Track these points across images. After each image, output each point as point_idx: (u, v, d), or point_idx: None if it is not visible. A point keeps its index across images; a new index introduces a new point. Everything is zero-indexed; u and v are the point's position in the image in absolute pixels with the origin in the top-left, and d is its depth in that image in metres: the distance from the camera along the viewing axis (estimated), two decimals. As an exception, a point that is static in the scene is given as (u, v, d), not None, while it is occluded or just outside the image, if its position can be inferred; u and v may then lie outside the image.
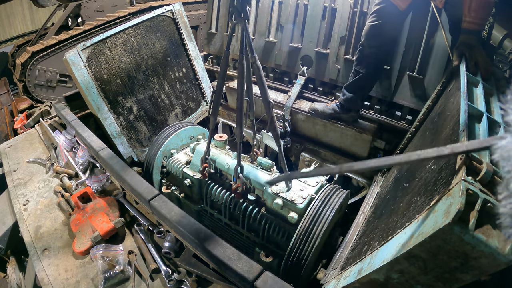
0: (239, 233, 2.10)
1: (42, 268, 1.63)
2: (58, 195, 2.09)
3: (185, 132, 2.61)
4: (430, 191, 1.07)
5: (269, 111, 1.71)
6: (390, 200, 1.66)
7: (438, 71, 2.36)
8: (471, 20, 1.68)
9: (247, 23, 1.51)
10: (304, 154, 2.93)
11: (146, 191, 1.77)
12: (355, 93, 2.45)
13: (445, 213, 0.82)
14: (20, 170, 2.34)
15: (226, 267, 1.38)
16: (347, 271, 1.39)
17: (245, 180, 1.98)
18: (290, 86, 3.14)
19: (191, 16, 5.55)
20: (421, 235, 0.87)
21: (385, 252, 1.06)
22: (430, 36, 2.37)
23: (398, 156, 0.65)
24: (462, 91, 1.32)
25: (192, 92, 3.36)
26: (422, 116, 2.09)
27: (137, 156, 2.86)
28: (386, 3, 2.08)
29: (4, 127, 4.60)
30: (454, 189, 0.85)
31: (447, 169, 1.03)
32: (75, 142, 2.50)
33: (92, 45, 2.50)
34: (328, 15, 2.83)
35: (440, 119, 1.61)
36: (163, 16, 2.98)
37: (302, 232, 1.67)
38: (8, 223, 2.02)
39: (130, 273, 1.59)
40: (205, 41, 3.79)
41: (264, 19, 3.21)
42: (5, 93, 5.03)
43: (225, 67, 1.73)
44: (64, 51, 3.78)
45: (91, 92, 2.52)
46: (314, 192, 1.84)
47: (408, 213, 1.13)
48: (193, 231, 1.52)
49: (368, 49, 2.26)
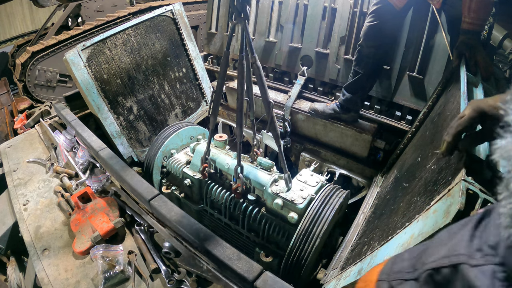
0: (239, 233, 2.10)
1: (42, 268, 1.63)
2: (58, 195, 2.09)
3: (185, 132, 2.61)
4: (430, 191, 1.07)
5: (269, 111, 1.71)
6: (390, 200, 1.66)
7: (438, 71, 2.36)
8: (471, 20, 1.68)
9: (247, 23, 1.51)
10: (304, 154, 2.94)
11: (146, 191, 1.77)
12: (355, 93, 2.45)
13: (445, 213, 0.82)
14: (20, 170, 2.34)
15: (226, 267, 1.38)
16: (347, 271, 1.40)
17: (245, 180, 1.98)
18: (290, 86, 3.14)
19: (191, 16, 5.55)
20: (421, 235, 0.87)
21: (385, 252, 1.06)
22: (430, 36, 2.37)
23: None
24: (462, 91, 1.33)
25: (192, 92, 3.36)
26: (422, 116, 2.09)
27: (137, 156, 2.86)
28: (383, 3, 2.08)
29: (4, 127, 4.60)
30: (454, 189, 0.85)
31: (447, 169, 1.03)
32: (75, 142, 2.50)
33: (92, 45, 2.50)
34: (328, 15, 2.83)
35: (440, 119, 1.61)
36: (163, 16, 2.98)
37: (302, 232, 1.67)
38: (8, 223, 2.02)
39: (130, 273, 1.59)
40: (205, 41, 3.79)
41: (264, 19, 3.21)
42: (5, 93, 5.03)
43: (225, 67, 1.73)
44: (64, 51, 3.78)
45: (91, 92, 2.52)
46: (314, 192, 1.84)
47: (408, 213, 1.13)
48: (193, 231, 1.52)
49: (367, 49, 2.26)
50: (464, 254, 0.47)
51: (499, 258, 0.43)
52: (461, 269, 0.47)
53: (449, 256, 0.49)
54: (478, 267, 0.45)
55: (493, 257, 0.44)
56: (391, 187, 1.90)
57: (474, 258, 0.46)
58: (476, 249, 0.47)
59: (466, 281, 0.45)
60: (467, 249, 0.47)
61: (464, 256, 0.47)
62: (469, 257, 0.47)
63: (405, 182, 1.56)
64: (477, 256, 0.46)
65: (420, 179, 1.30)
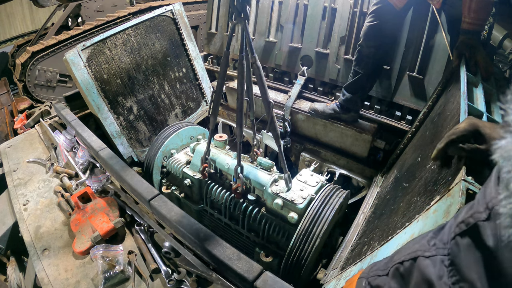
0: (239, 233, 2.10)
1: (42, 268, 1.63)
2: (58, 195, 2.09)
3: (185, 132, 2.61)
4: (430, 191, 1.07)
5: (269, 111, 1.71)
6: (390, 200, 1.66)
7: (438, 71, 2.36)
8: (471, 20, 1.68)
9: (247, 23, 1.51)
10: (304, 154, 2.94)
11: (146, 191, 1.77)
12: (355, 93, 2.45)
13: (445, 213, 0.82)
14: (20, 170, 2.34)
15: (226, 267, 1.38)
16: (347, 271, 1.40)
17: (245, 180, 1.98)
18: (290, 86, 3.14)
19: (191, 16, 5.55)
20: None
21: (385, 252, 1.06)
22: (430, 36, 2.37)
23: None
24: (462, 91, 1.33)
25: (192, 92, 3.36)
26: (422, 116, 2.09)
27: (137, 156, 2.86)
28: (383, 3, 2.08)
29: (4, 127, 4.60)
30: (454, 189, 0.85)
31: (447, 169, 1.03)
32: (75, 142, 2.50)
33: (92, 45, 2.50)
34: (328, 15, 2.83)
35: (440, 119, 1.61)
36: (163, 16, 2.98)
37: (302, 232, 1.67)
38: (8, 223, 2.02)
39: (130, 273, 1.59)
40: (205, 41, 3.79)
41: (264, 19, 3.21)
42: (5, 93, 5.03)
43: (225, 67, 1.73)
44: (64, 51, 3.78)
45: (91, 92, 2.52)
46: (314, 192, 1.84)
47: (408, 213, 1.13)
48: (193, 231, 1.52)
49: (367, 49, 2.26)
50: (422, 249, 0.58)
51: (447, 250, 0.53)
52: (418, 260, 0.58)
53: (410, 253, 0.61)
54: (430, 257, 0.55)
55: (443, 250, 0.54)
56: (391, 187, 1.90)
57: (429, 251, 0.56)
58: (431, 245, 0.57)
59: (420, 269, 0.56)
60: (425, 246, 0.58)
61: (421, 251, 0.58)
62: (424, 251, 0.57)
63: (405, 182, 1.56)
64: (431, 250, 0.56)
65: (420, 179, 1.30)
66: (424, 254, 0.57)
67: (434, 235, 0.59)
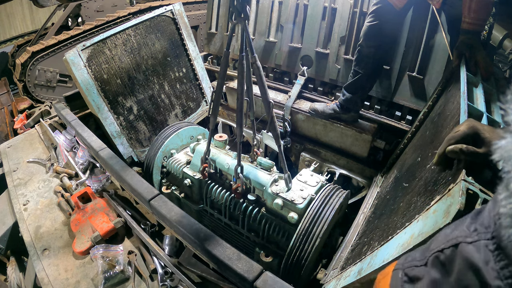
0: (239, 233, 2.10)
1: (42, 268, 1.63)
2: (58, 195, 2.09)
3: (185, 132, 2.61)
4: (430, 191, 1.07)
5: (269, 111, 1.71)
6: (390, 200, 1.66)
7: (438, 71, 2.36)
8: (471, 20, 1.68)
9: (247, 23, 1.51)
10: (304, 154, 2.94)
11: (146, 191, 1.77)
12: (355, 93, 2.45)
13: (445, 213, 0.82)
14: (20, 170, 2.34)
15: (226, 267, 1.38)
16: (347, 271, 1.39)
17: (245, 180, 1.98)
18: (290, 86, 3.14)
19: (191, 16, 5.55)
20: (421, 235, 0.87)
21: (385, 252, 1.06)
22: (430, 36, 2.37)
23: None
24: (462, 91, 1.33)
25: (192, 92, 3.36)
26: (422, 116, 2.09)
27: (137, 156, 2.86)
28: (383, 3, 2.08)
29: (4, 127, 4.60)
30: (454, 189, 0.85)
31: (449, 170, 1.03)
32: (75, 142, 2.50)
33: (92, 45, 2.50)
34: (328, 15, 2.83)
35: (440, 119, 1.61)
36: (163, 16, 2.98)
37: (302, 232, 1.67)
38: (8, 223, 2.02)
39: (130, 273, 1.59)
40: (205, 41, 3.79)
41: (264, 19, 3.21)
42: (5, 93, 5.03)
43: (225, 67, 1.73)
44: (64, 51, 3.78)
45: (91, 92, 2.52)
46: (314, 192, 1.84)
47: (408, 213, 1.13)
48: (193, 231, 1.52)
49: (367, 49, 2.26)
50: (462, 235, 0.56)
51: (490, 234, 0.51)
52: (460, 247, 0.55)
53: (450, 240, 0.58)
54: (474, 243, 0.53)
55: (485, 234, 0.52)
56: (391, 187, 1.90)
57: (470, 237, 0.54)
58: (472, 230, 0.55)
59: (464, 256, 0.54)
60: (465, 232, 0.56)
61: (462, 237, 0.56)
62: (466, 237, 0.55)
63: (405, 182, 1.56)
64: (473, 235, 0.54)
65: (420, 179, 1.30)
66: (466, 240, 0.55)
67: (472, 221, 0.57)
